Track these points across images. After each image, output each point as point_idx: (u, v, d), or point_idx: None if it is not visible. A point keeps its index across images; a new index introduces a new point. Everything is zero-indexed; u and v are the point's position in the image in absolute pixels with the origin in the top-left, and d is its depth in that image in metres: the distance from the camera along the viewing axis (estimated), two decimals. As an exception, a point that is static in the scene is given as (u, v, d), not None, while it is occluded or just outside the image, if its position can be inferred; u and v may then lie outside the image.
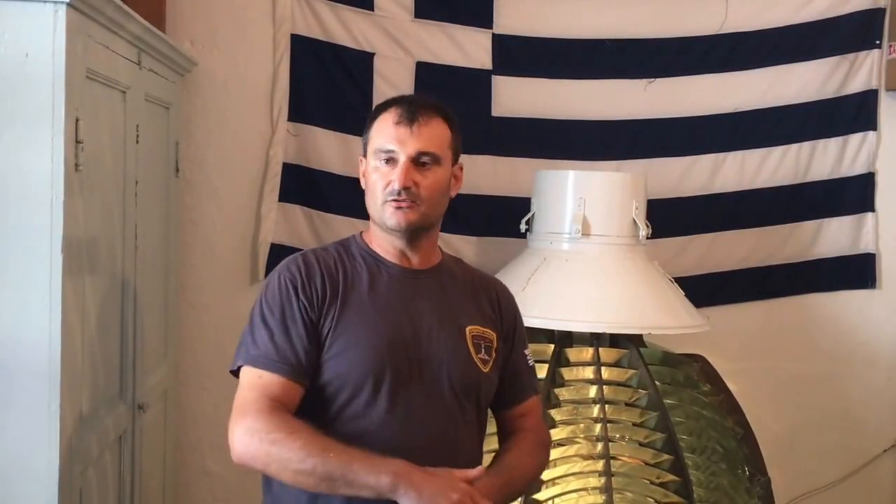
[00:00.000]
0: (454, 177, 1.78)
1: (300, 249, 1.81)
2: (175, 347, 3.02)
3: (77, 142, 1.90)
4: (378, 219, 1.70)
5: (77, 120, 1.89)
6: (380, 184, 1.68)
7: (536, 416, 1.88)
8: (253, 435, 1.53)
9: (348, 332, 1.64)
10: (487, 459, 1.80)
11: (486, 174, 3.26)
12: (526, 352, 1.87)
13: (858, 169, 3.40)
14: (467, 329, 1.73)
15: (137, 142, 2.42)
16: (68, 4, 1.82)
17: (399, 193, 1.65)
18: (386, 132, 1.68)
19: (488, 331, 1.77)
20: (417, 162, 1.67)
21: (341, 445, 1.53)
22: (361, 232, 1.80)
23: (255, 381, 1.60)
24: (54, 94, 1.83)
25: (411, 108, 1.69)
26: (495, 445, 1.85)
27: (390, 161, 1.67)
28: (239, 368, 1.65)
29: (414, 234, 1.71)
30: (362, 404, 1.62)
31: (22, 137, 1.84)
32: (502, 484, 1.67)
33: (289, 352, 1.61)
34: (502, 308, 1.83)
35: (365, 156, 1.75)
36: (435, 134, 1.70)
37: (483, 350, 1.74)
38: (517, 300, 2.62)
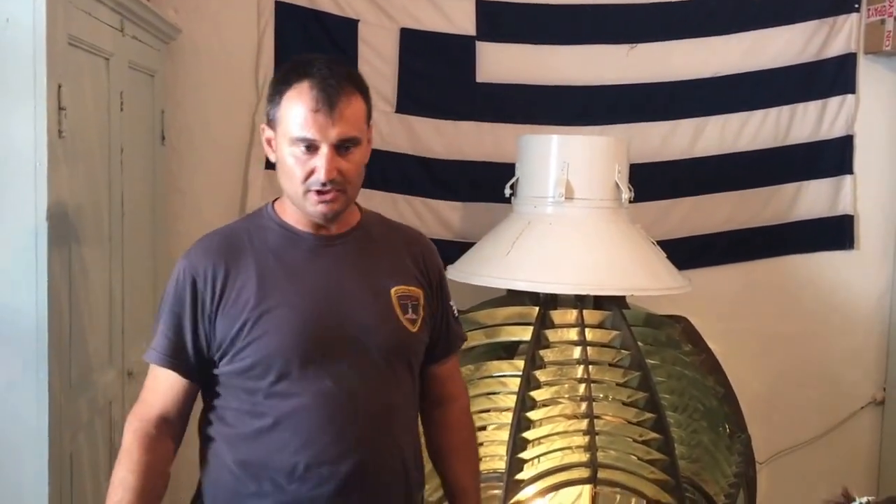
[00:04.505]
0: (368, 141, 1.66)
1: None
2: (163, 315, 3.03)
3: (60, 108, 1.91)
4: (298, 204, 1.62)
5: (59, 86, 1.90)
6: (298, 171, 1.57)
7: (459, 378, 1.92)
8: (122, 446, 1.64)
9: (268, 313, 1.59)
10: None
11: (471, 140, 3.28)
12: (451, 303, 1.84)
13: (837, 132, 3.43)
14: (392, 290, 1.69)
15: (122, 109, 2.42)
16: (49, -30, 1.82)
17: (324, 184, 1.56)
18: (302, 118, 1.55)
19: (413, 289, 1.72)
20: (340, 148, 1.57)
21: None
22: (274, 201, 1.72)
23: (151, 382, 1.67)
24: (36, 60, 1.83)
25: (328, 91, 1.55)
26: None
27: (309, 148, 1.56)
28: None
29: (337, 217, 1.65)
30: (292, 382, 1.60)
31: (4, 104, 1.85)
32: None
33: (181, 350, 1.63)
34: (427, 262, 1.77)
35: (270, 126, 1.63)
36: (353, 114, 1.58)
37: (410, 309, 1.69)
38: (502, 264, 2.66)
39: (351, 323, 1.64)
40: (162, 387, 1.65)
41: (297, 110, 1.56)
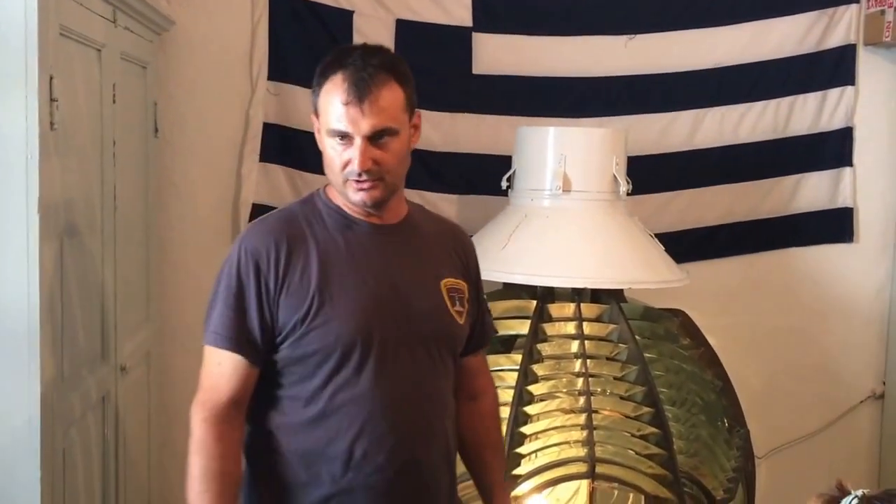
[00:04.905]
0: (413, 127, 1.67)
1: (283, 210, 1.77)
2: (157, 309, 3.02)
3: (52, 100, 1.88)
4: (341, 193, 1.65)
5: (51, 78, 1.87)
6: (337, 162, 1.60)
7: (488, 372, 1.94)
8: (193, 437, 1.64)
9: (331, 300, 1.60)
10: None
11: (467, 132, 3.26)
12: (484, 296, 1.89)
13: (837, 124, 3.42)
14: (442, 283, 1.72)
15: (114, 101, 2.39)
16: (39, -41, 1.79)
17: (360, 175, 1.58)
18: (335, 111, 1.58)
19: (460, 282, 1.76)
20: (374, 139, 1.58)
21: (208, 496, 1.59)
22: (325, 186, 1.72)
23: (215, 368, 1.63)
24: (27, 51, 1.81)
25: (360, 83, 1.56)
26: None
27: (345, 139, 1.59)
28: None
29: (381, 204, 1.66)
30: (352, 371, 1.61)
31: (-5, 95, 1.82)
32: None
33: (246, 333, 1.60)
34: (468, 256, 1.82)
35: (316, 116, 1.66)
36: (388, 104, 1.58)
37: (457, 302, 1.73)
38: (499, 257, 2.65)
39: (410, 312, 1.66)
40: (228, 371, 1.62)
41: (333, 103, 1.59)
